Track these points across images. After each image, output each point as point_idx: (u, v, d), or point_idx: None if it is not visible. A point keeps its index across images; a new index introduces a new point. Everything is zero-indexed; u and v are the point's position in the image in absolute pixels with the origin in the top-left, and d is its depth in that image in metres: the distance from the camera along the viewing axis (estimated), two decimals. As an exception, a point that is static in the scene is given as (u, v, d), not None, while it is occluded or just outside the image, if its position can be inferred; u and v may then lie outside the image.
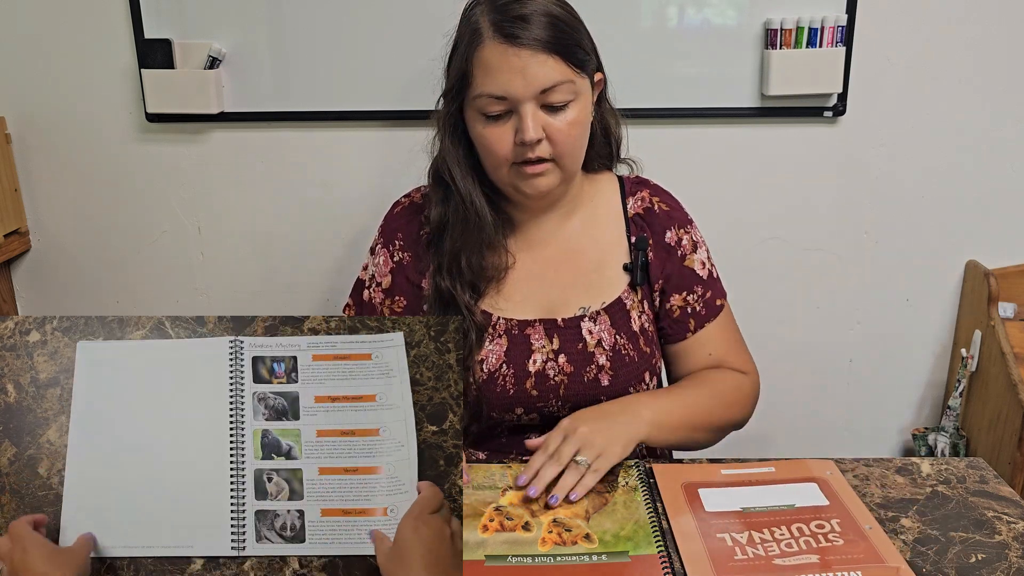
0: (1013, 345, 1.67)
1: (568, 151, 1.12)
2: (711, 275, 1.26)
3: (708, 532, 0.94)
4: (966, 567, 0.90)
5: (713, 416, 1.20)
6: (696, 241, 1.26)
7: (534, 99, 1.08)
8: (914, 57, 1.68)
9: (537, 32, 1.07)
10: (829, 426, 1.91)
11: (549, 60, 1.08)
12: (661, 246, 1.23)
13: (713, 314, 1.25)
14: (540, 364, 1.18)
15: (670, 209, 1.25)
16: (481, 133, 1.12)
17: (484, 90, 1.09)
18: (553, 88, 1.08)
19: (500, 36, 1.07)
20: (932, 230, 1.78)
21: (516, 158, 1.11)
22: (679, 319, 1.24)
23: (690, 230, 1.26)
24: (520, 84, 1.07)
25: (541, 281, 1.22)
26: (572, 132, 1.12)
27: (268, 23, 1.68)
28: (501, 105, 1.09)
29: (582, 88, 1.12)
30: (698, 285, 1.24)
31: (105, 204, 1.81)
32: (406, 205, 1.28)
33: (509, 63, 1.07)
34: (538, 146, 1.10)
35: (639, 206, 1.25)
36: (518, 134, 1.09)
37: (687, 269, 1.23)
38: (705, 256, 1.26)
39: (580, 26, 1.14)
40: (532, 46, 1.07)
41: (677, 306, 1.23)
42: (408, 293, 1.24)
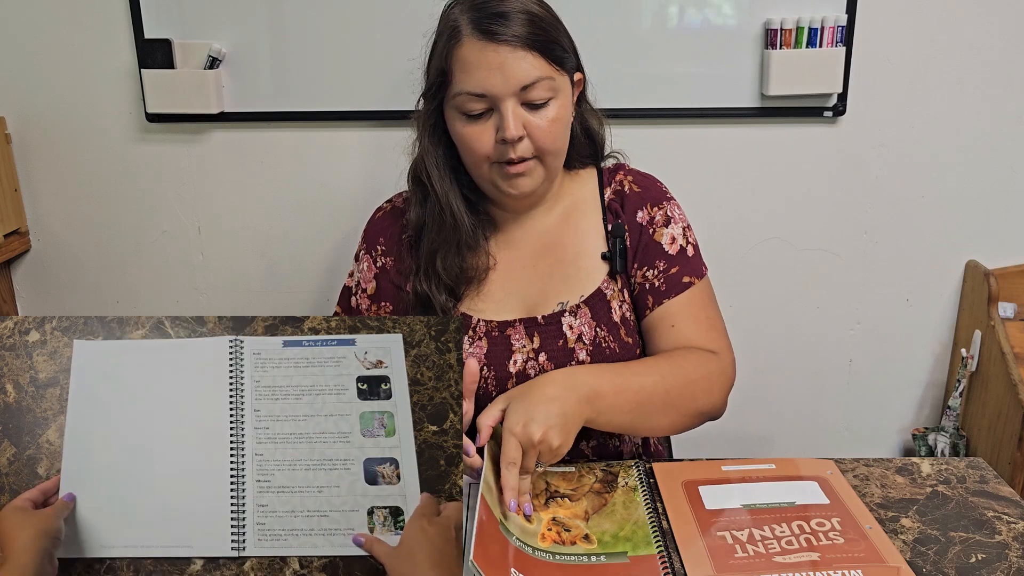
0: (1013, 345, 1.67)
1: (550, 148, 1.12)
2: (681, 251, 1.20)
3: (708, 529, 0.94)
4: (966, 567, 0.90)
5: (670, 396, 1.09)
6: (671, 216, 1.21)
7: (514, 96, 1.08)
8: (914, 57, 1.68)
9: (516, 28, 1.07)
10: (829, 426, 1.92)
11: (528, 56, 1.07)
12: (634, 227, 1.20)
13: (676, 290, 1.18)
14: (521, 364, 1.17)
15: (642, 189, 1.22)
16: (461, 132, 1.12)
17: (463, 88, 1.09)
18: (533, 85, 1.08)
19: (478, 33, 1.07)
20: (932, 230, 1.78)
21: (497, 157, 1.11)
22: (639, 296, 1.20)
23: (665, 206, 1.21)
24: (499, 81, 1.07)
25: (520, 279, 1.21)
26: (553, 129, 1.11)
27: (268, 23, 1.68)
28: (481, 103, 1.09)
29: (562, 85, 1.12)
30: (661, 260, 1.19)
31: (105, 204, 1.81)
32: (387, 210, 1.28)
33: (488, 60, 1.06)
34: (519, 144, 1.09)
35: (612, 190, 1.23)
36: (498, 132, 1.09)
37: (653, 242, 1.20)
38: (679, 232, 1.21)
39: (559, 24, 1.13)
40: (511, 42, 1.06)
41: (637, 283, 1.20)
42: (393, 297, 1.23)
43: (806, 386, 1.89)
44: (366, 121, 1.73)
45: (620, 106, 1.62)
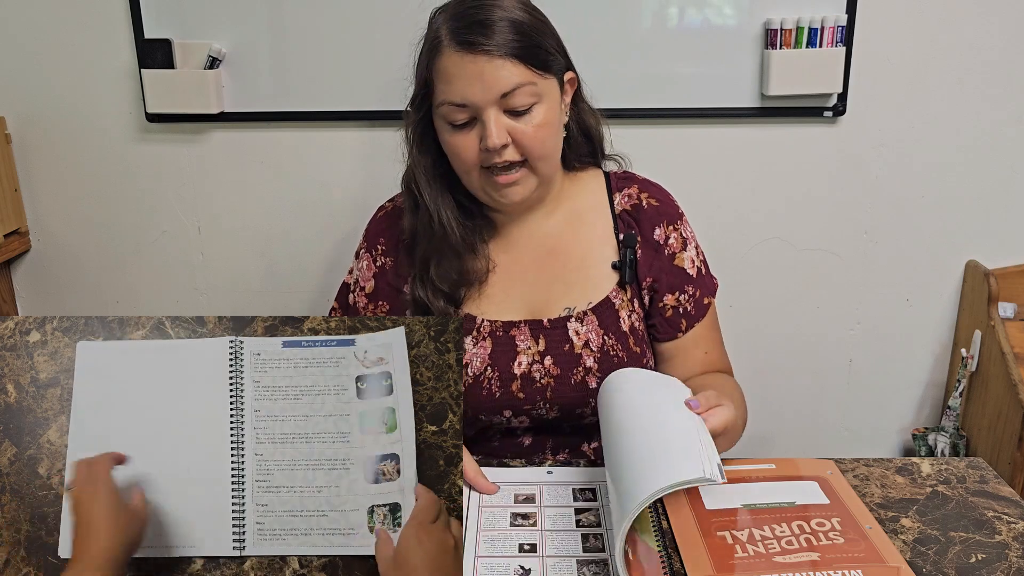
0: (1013, 345, 1.67)
1: (538, 153, 1.12)
2: (700, 272, 1.24)
3: (708, 529, 0.94)
4: (966, 567, 0.90)
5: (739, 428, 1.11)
6: (686, 238, 1.23)
7: (495, 104, 1.07)
8: (914, 57, 1.68)
9: (496, 37, 1.06)
10: (829, 426, 1.92)
11: (507, 64, 1.07)
12: (650, 243, 1.21)
13: (703, 313, 1.24)
14: (526, 366, 1.17)
15: (660, 204, 1.23)
16: (448, 141, 1.12)
17: (445, 98, 1.09)
18: (513, 92, 1.07)
19: (455, 44, 1.07)
20: (932, 230, 1.78)
21: (484, 162, 1.11)
22: (671, 319, 1.23)
23: (679, 226, 1.23)
24: (479, 90, 1.07)
25: (523, 281, 1.21)
26: (539, 134, 1.10)
27: (268, 23, 1.68)
28: (464, 113, 1.09)
29: (546, 89, 1.11)
30: (688, 284, 1.22)
31: (105, 204, 1.81)
32: (389, 210, 1.28)
33: (466, 70, 1.06)
34: (505, 151, 1.09)
35: (627, 202, 1.23)
36: (482, 141, 1.09)
37: (677, 268, 1.22)
38: (694, 252, 1.24)
39: (544, 27, 1.13)
40: (489, 52, 1.06)
41: (670, 306, 1.22)
42: (390, 297, 1.23)
43: (806, 386, 1.89)
44: (366, 121, 1.73)
45: (620, 106, 1.62)
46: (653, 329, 1.24)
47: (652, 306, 1.23)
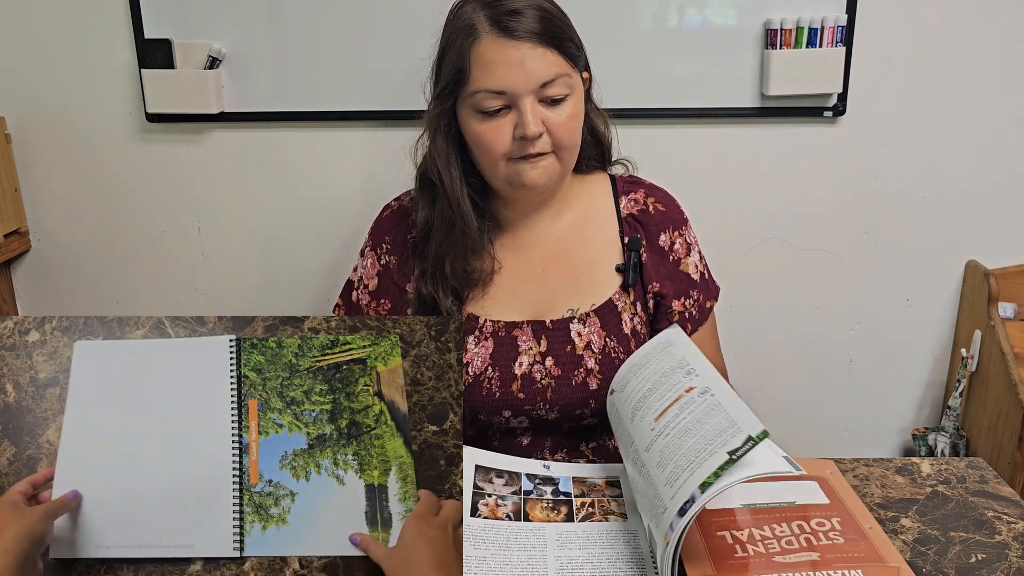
0: (1013, 345, 1.67)
1: (568, 144, 1.13)
2: (703, 276, 1.26)
3: (708, 529, 0.94)
4: (966, 567, 0.89)
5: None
6: (690, 243, 1.25)
7: (533, 93, 1.08)
8: (914, 57, 1.68)
9: (532, 25, 1.07)
10: (829, 426, 1.92)
11: (548, 53, 1.08)
12: (655, 248, 1.22)
13: (705, 317, 1.25)
14: (527, 367, 1.17)
15: (666, 209, 1.24)
16: (477, 130, 1.11)
17: (482, 85, 1.08)
18: (552, 81, 1.08)
19: (497, 29, 1.07)
20: (932, 230, 1.78)
21: (515, 153, 1.11)
22: (678, 324, 1.23)
23: (684, 231, 1.24)
24: (519, 78, 1.07)
25: (529, 282, 1.21)
26: (571, 125, 1.12)
27: (268, 23, 1.68)
28: (499, 100, 1.09)
29: (576, 83, 1.13)
30: (693, 289, 1.24)
31: (105, 204, 1.81)
32: (395, 208, 1.28)
33: (507, 56, 1.07)
34: (539, 141, 1.10)
35: (633, 207, 1.24)
36: (517, 129, 1.09)
37: (683, 274, 1.23)
38: (698, 258, 1.25)
39: (569, 22, 1.14)
40: (529, 39, 1.07)
41: (677, 311, 1.23)
42: (393, 296, 1.24)
43: (806, 386, 1.89)
44: (366, 121, 1.73)
45: (620, 106, 1.61)
46: (657, 333, 1.24)
47: (659, 311, 1.23)
